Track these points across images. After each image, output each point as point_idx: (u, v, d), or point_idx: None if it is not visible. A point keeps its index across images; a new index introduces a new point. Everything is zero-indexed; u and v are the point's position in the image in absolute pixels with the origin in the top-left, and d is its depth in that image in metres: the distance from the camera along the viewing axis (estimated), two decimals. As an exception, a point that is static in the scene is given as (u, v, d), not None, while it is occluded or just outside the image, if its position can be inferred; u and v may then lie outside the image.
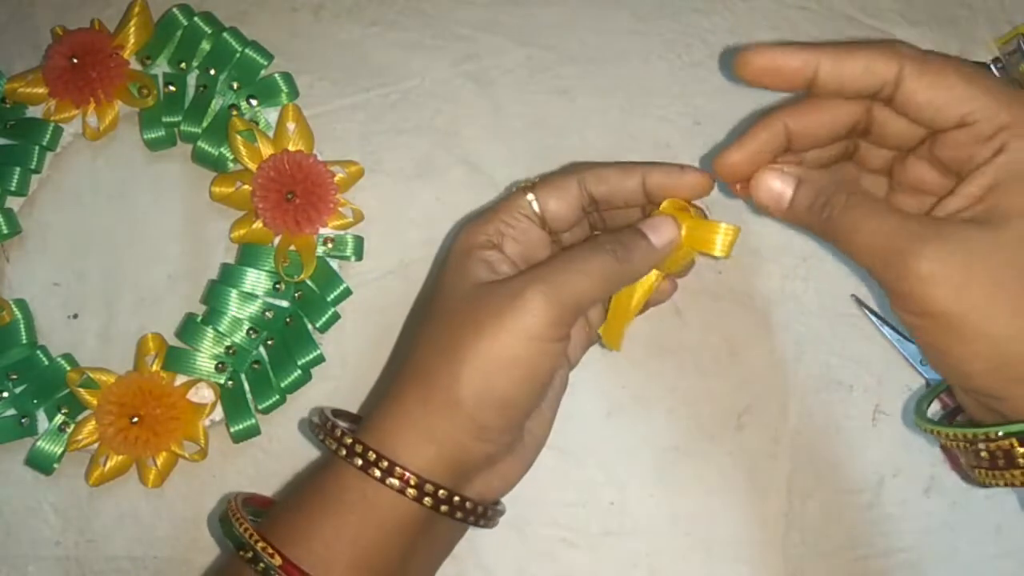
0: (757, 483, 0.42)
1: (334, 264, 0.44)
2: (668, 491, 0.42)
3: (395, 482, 0.32)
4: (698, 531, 0.41)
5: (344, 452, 0.32)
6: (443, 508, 0.33)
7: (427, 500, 0.32)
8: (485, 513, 0.35)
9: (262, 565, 0.32)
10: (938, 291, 0.29)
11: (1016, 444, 0.30)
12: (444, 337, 0.33)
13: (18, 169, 0.45)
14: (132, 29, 0.46)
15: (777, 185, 0.33)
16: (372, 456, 0.32)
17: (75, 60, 0.44)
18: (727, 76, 0.45)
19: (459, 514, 0.33)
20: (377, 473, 0.32)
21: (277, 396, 0.42)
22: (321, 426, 0.34)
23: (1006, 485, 0.31)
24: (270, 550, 0.32)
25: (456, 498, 0.33)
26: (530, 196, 0.35)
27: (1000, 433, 0.30)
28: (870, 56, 0.31)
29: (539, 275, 0.33)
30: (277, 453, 0.43)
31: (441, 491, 0.32)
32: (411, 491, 0.32)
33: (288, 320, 0.43)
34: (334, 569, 0.32)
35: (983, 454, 0.31)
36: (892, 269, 0.30)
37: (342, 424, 0.34)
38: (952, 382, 0.32)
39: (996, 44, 0.45)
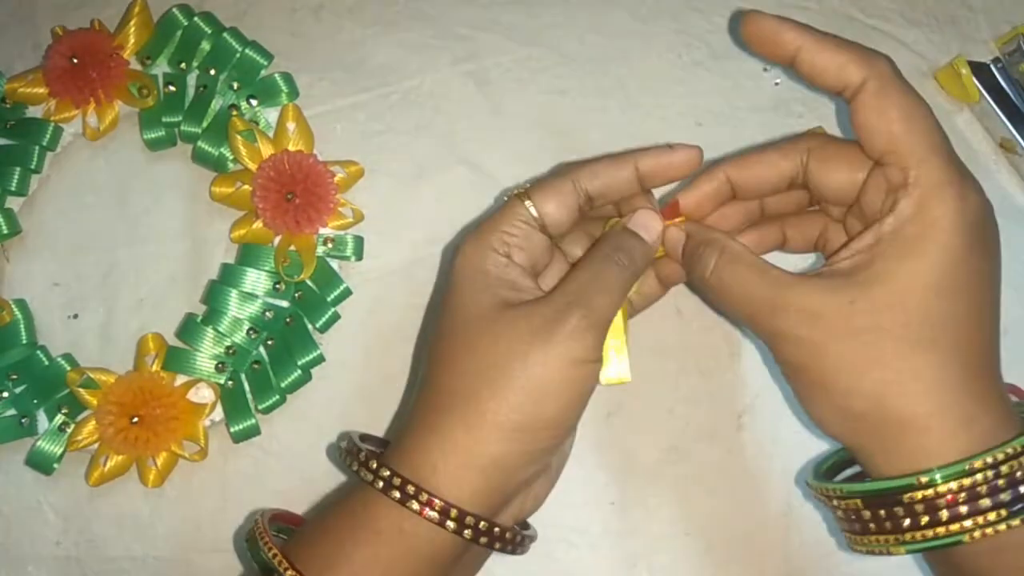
0: (757, 483, 0.42)
1: (334, 264, 0.44)
2: (668, 491, 0.42)
3: (434, 515, 0.31)
4: (698, 531, 0.41)
5: (381, 485, 0.32)
6: (483, 540, 0.32)
7: (467, 532, 0.32)
8: (522, 542, 0.34)
9: None
10: (794, 350, 0.32)
11: (861, 505, 0.30)
12: (484, 362, 0.32)
13: (18, 169, 0.45)
14: (132, 29, 0.46)
15: (674, 237, 0.36)
16: (411, 489, 0.31)
17: (75, 60, 0.44)
18: (735, 41, 0.46)
19: (497, 544, 0.33)
20: (416, 506, 0.31)
21: (277, 396, 0.42)
22: (354, 456, 0.33)
23: (867, 551, 0.31)
24: None
25: (496, 529, 0.32)
26: (528, 203, 0.35)
27: (844, 490, 0.31)
28: (847, 59, 0.31)
29: (575, 299, 0.32)
30: (277, 453, 0.43)
31: (482, 523, 0.32)
32: (451, 524, 0.31)
33: (288, 320, 0.43)
34: None
35: (839, 513, 0.32)
36: (757, 327, 0.33)
37: (368, 447, 0.33)
38: (816, 425, 0.33)
39: (996, 44, 0.45)
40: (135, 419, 0.41)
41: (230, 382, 0.43)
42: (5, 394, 0.43)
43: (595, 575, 0.41)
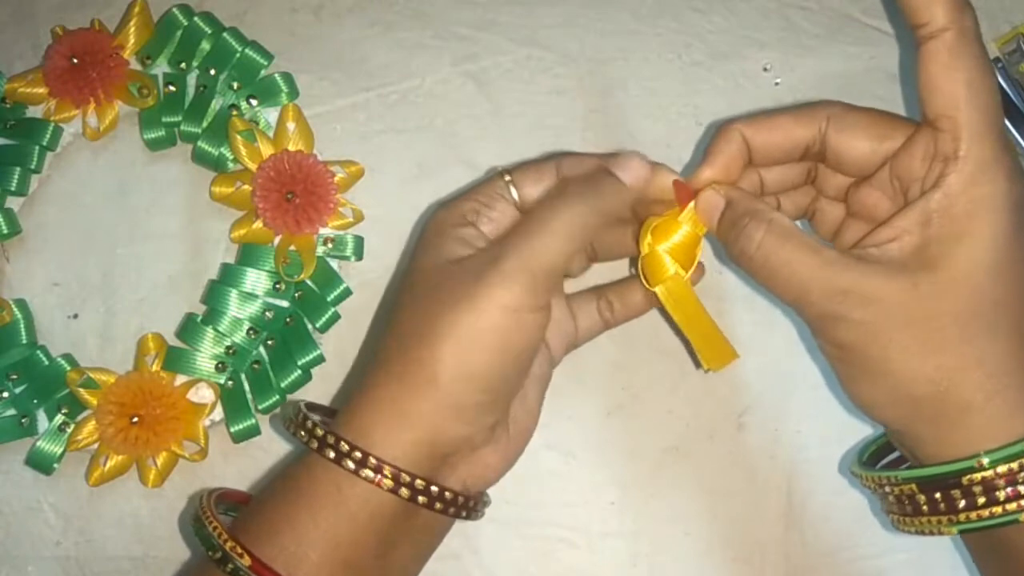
0: (757, 483, 0.42)
1: (334, 264, 0.44)
2: (668, 491, 0.42)
3: (369, 473, 0.31)
4: (698, 531, 0.41)
5: (316, 444, 0.32)
6: (420, 499, 0.32)
7: (403, 491, 0.31)
8: (466, 504, 0.34)
9: (231, 566, 0.31)
10: (849, 333, 0.31)
11: (917, 490, 0.30)
12: (419, 314, 0.32)
13: (18, 169, 0.45)
14: (132, 29, 0.46)
15: (712, 201, 0.34)
16: (345, 447, 0.31)
17: (75, 60, 0.44)
18: (735, 41, 0.45)
19: (438, 505, 0.32)
20: (351, 465, 0.31)
21: (277, 396, 0.42)
22: (293, 419, 0.33)
23: (916, 532, 0.31)
24: (239, 549, 0.31)
25: (434, 488, 0.32)
26: (507, 178, 0.35)
27: (899, 477, 0.31)
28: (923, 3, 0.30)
29: (509, 242, 0.32)
30: (277, 453, 0.43)
31: (418, 481, 0.31)
32: (386, 482, 0.31)
33: (288, 320, 0.43)
34: (305, 565, 0.31)
35: (890, 498, 0.32)
36: (807, 309, 0.31)
37: (314, 416, 0.33)
38: (860, 410, 0.33)
39: (996, 44, 0.45)
40: (135, 419, 0.41)
41: (230, 382, 0.43)
42: (5, 394, 0.43)
43: (595, 575, 0.41)
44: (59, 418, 0.43)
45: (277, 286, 0.43)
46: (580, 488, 0.42)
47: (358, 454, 0.31)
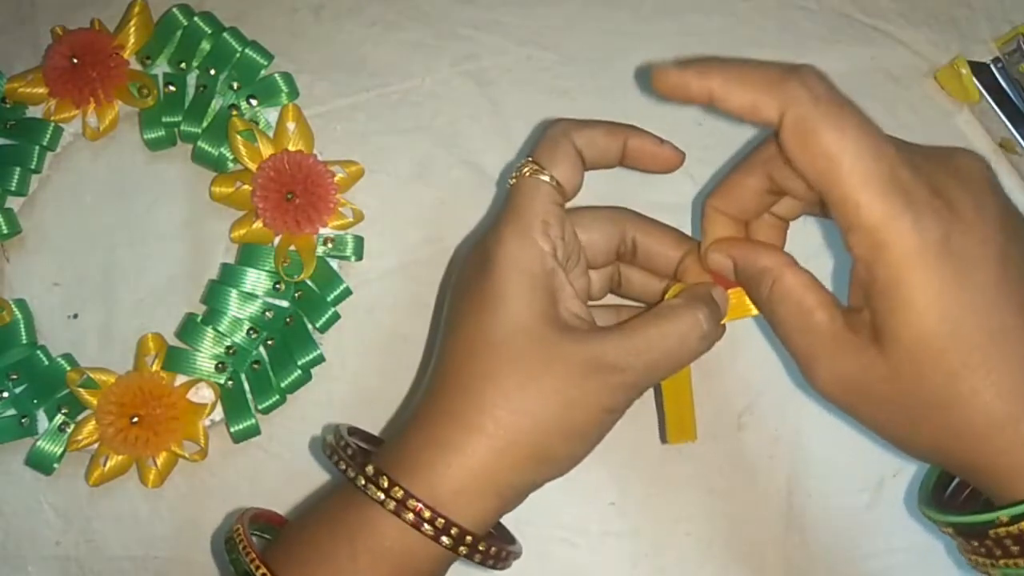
0: (757, 483, 0.42)
1: (334, 264, 0.44)
2: (668, 491, 0.42)
3: (448, 541, 0.30)
4: (698, 531, 0.41)
5: (393, 506, 0.30)
6: (489, 563, 0.32)
7: (477, 558, 0.31)
8: (510, 557, 0.34)
9: None
10: (837, 402, 0.31)
11: (954, 533, 0.30)
12: (527, 388, 0.31)
13: (18, 169, 0.45)
14: (132, 29, 0.46)
15: (720, 263, 0.34)
16: (428, 514, 0.30)
17: (75, 60, 0.44)
18: (734, 41, 0.45)
19: (489, 562, 0.32)
20: (430, 530, 0.30)
21: (277, 396, 0.42)
22: (358, 469, 0.31)
23: (972, 566, 0.30)
24: None
25: (493, 548, 0.32)
26: (546, 178, 0.33)
27: (936, 520, 0.31)
28: (757, 94, 0.28)
29: (636, 359, 0.31)
30: (277, 453, 0.43)
31: (493, 548, 0.32)
32: (463, 549, 0.31)
33: (288, 320, 0.43)
34: None
35: (947, 533, 0.31)
36: (803, 371, 0.31)
37: (357, 443, 0.33)
38: None
39: (996, 44, 0.45)
40: (135, 419, 0.41)
41: (230, 382, 0.43)
42: (5, 394, 0.43)
43: (595, 575, 0.41)
44: (59, 418, 0.43)
45: (277, 286, 0.43)
46: (580, 488, 0.42)
47: (442, 522, 0.30)
